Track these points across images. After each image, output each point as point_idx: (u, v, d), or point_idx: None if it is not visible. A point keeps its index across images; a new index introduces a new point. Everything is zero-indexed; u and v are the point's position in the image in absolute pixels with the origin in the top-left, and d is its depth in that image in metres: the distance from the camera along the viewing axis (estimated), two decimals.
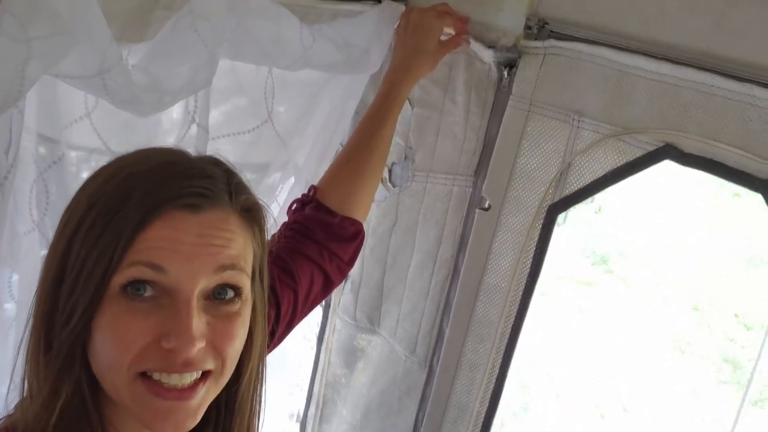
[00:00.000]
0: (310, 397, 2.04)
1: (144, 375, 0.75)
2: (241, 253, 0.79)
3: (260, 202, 0.87)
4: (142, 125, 1.20)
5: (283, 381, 2.12)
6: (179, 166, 0.79)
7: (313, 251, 1.23)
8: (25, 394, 0.80)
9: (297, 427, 2.09)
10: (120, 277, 0.73)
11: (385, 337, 1.82)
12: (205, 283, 0.75)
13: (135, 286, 0.73)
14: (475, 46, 1.47)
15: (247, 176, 1.61)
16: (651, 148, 1.27)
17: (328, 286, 1.27)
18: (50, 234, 1.17)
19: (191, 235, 0.75)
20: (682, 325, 6.40)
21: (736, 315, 6.62)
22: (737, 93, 1.17)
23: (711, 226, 8.18)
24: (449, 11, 1.44)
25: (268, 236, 0.90)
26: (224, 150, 1.49)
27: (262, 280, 0.87)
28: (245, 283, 0.80)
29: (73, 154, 1.17)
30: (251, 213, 0.83)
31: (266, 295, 0.90)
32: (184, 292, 0.74)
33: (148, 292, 0.74)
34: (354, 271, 1.80)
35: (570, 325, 6.11)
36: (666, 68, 1.23)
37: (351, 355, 1.90)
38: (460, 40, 1.46)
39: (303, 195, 1.32)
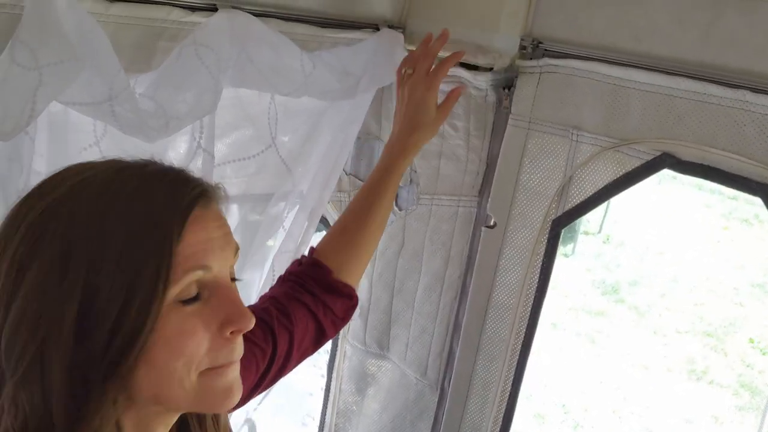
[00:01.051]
0: (323, 427, 2.03)
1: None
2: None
3: (220, 185, 0.87)
4: (150, 150, 1.23)
5: (296, 411, 2.11)
6: (171, 172, 0.79)
7: (309, 300, 1.24)
8: None
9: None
10: (176, 289, 0.73)
11: (395, 362, 1.82)
12: (230, 267, 0.81)
13: (188, 293, 0.75)
14: (469, 75, 1.50)
15: (252, 206, 1.64)
16: (649, 158, 1.30)
17: (320, 339, 1.26)
18: None
19: (215, 229, 0.78)
20: (696, 352, 6.33)
21: (751, 340, 6.56)
22: (730, 99, 1.19)
23: (721, 253, 8.16)
24: (438, 72, 1.39)
25: None
26: (230, 177, 1.53)
27: None
28: None
29: None
30: (224, 201, 0.86)
31: None
32: (224, 281, 0.78)
33: (195, 293, 0.76)
34: (362, 297, 1.81)
35: (583, 355, 6.06)
36: (659, 79, 1.26)
37: (362, 382, 1.89)
38: (456, 93, 1.41)
39: (301, 256, 1.33)
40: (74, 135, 1.20)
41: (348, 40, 1.50)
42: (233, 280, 0.82)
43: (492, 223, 1.54)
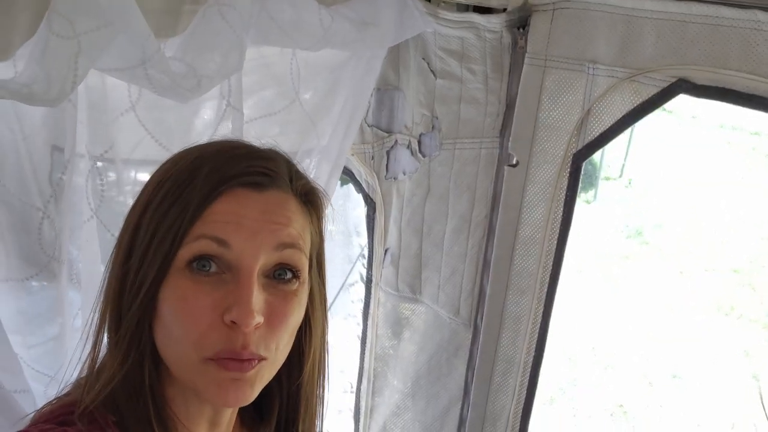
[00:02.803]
0: (362, 373, 2.11)
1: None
2: (300, 233, 0.82)
3: (319, 188, 0.89)
4: (182, 112, 1.29)
5: (332, 360, 2.19)
6: (244, 149, 0.84)
7: None
8: (83, 375, 0.83)
9: (352, 399, 2.17)
10: (186, 251, 0.75)
11: (428, 304, 1.88)
12: (265, 259, 0.77)
13: (201, 262, 0.76)
14: (482, 18, 1.52)
15: None
16: (665, 85, 1.33)
17: None
18: (108, 221, 1.27)
19: (255, 212, 0.77)
20: (724, 289, 6.36)
21: None
22: (741, 20, 1.22)
23: (745, 189, 8.12)
24: None
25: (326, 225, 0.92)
26: (256, 139, 1.58)
27: (320, 270, 0.90)
28: (303, 265, 0.82)
29: (121, 144, 1.25)
30: (309, 198, 0.87)
31: (325, 287, 0.92)
32: (246, 267, 0.76)
33: (213, 268, 0.76)
34: (393, 244, 1.87)
35: (611, 298, 6.12)
36: (671, 6, 1.29)
37: (397, 326, 1.96)
38: None
39: None
40: (111, 101, 1.26)
41: None
42: (277, 277, 0.80)
43: (514, 162, 1.59)
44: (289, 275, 0.80)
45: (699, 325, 5.84)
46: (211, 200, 0.76)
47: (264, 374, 0.81)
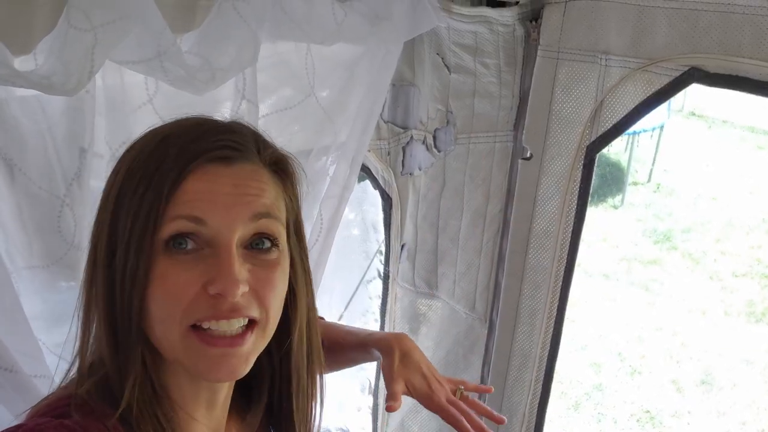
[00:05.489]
0: (380, 369, 2.11)
1: (195, 327, 0.77)
2: (274, 203, 0.83)
3: (288, 154, 0.90)
4: (198, 105, 1.31)
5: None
6: (208, 125, 0.84)
7: None
8: (81, 372, 0.83)
9: (370, 398, 2.17)
10: (163, 233, 0.76)
11: (445, 299, 1.89)
12: (242, 231, 0.78)
13: (177, 240, 0.76)
14: (495, 12, 1.53)
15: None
16: (677, 74, 1.33)
17: None
18: None
19: (227, 186, 0.78)
20: (755, 294, 6.25)
21: None
22: (754, 8, 1.21)
23: None
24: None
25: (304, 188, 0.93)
26: (274, 137, 1.60)
27: (298, 238, 0.91)
28: (280, 233, 0.83)
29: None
30: (280, 166, 0.87)
31: (306, 255, 0.93)
32: (224, 240, 0.77)
33: (190, 245, 0.77)
34: (409, 239, 1.88)
35: (638, 304, 6.04)
36: None
37: (414, 322, 1.97)
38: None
39: None
40: (129, 94, 1.29)
41: None
42: (255, 247, 0.80)
43: (528, 155, 1.59)
44: (267, 244, 0.81)
45: (729, 330, 5.74)
46: (180, 180, 0.76)
47: (258, 344, 0.82)
